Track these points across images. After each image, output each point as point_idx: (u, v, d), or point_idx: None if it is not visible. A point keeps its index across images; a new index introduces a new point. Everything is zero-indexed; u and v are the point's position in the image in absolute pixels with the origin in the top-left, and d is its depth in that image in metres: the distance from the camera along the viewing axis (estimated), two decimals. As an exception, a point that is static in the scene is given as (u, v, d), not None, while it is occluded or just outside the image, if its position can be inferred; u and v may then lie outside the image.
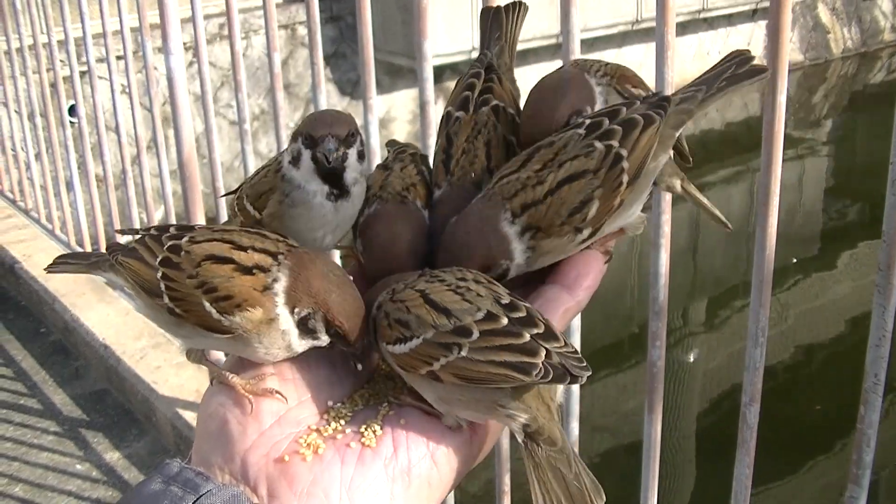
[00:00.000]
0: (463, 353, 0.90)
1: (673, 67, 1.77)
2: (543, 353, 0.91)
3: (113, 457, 3.94)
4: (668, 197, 1.85)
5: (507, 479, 2.41)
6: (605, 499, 0.94)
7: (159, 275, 0.99)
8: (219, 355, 2.34)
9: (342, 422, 0.94)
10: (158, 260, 0.99)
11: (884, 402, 1.74)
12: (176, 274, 0.97)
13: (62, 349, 4.74)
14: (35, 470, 3.87)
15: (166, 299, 0.98)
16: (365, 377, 1.02)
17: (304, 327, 0.96)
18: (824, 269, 8.63)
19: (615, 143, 1.01)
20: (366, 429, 0.92)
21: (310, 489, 0.89)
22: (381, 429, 0.92)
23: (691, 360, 7.26)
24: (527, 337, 0.91)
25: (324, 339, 0.97)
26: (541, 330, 0.92)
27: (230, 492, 0.88)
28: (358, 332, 0.97)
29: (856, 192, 10.26)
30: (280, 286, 0.96)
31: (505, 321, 0.92)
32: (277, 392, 0.95)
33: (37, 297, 4.97)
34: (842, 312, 7.70)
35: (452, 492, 2.53)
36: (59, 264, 1.16)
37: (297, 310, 0.95)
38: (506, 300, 0.94)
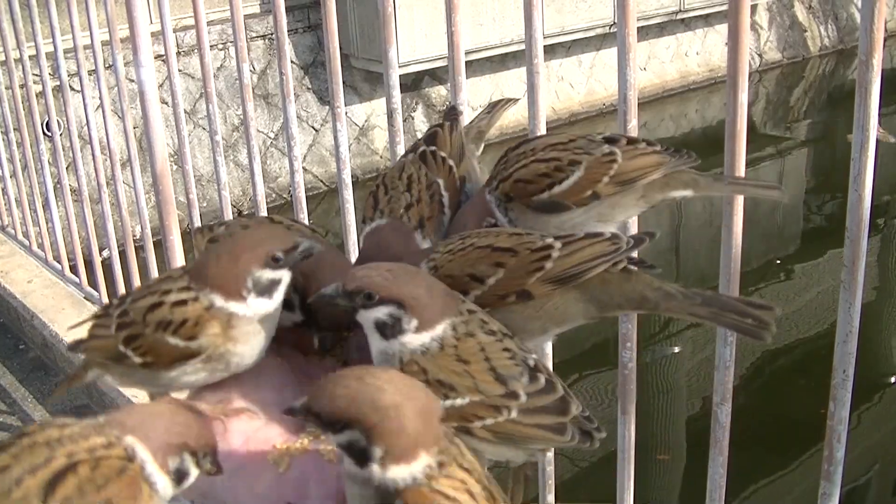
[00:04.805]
0: (513, 416, 0.92)
1: (635, 69, 1.78)
2: (572, 411, 0.94)
3: (94, 473, 3.91)
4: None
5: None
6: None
7: (120, 339, 1.03)
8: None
9: (307, 440, 0.96)
10: (114, 328, 1.04)
11: (870, 400, 1.75)
12: (133, 331, 1.02)
13: (42, 365, 4.70)
14: (15, 488, 3.84)
15: (135, 358, 1.02)
16: None
17: (262, 289, 0.99)
18: (807, 267, 8.66)
19: (556, 243, 1.05)
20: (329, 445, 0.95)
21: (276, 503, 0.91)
22: None
23: (676, 350, 7.30)
24: (560, 392, 0.93)
25: (297, 314, 1.02)
26: (562, 392, 0.94)
27: None
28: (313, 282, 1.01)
29: (836, 188, 10.31)
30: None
31: (543, 382, 0.93)
32: (247, 410, 0.97)
33: (15, 314, 4.93)
34: (827, 310, 7.73)
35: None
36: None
37: (255, 273, 0.98)
38: (531, 361, 0.96)
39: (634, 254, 1.04)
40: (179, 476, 0.85)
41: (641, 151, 1.16)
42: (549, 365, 1.96)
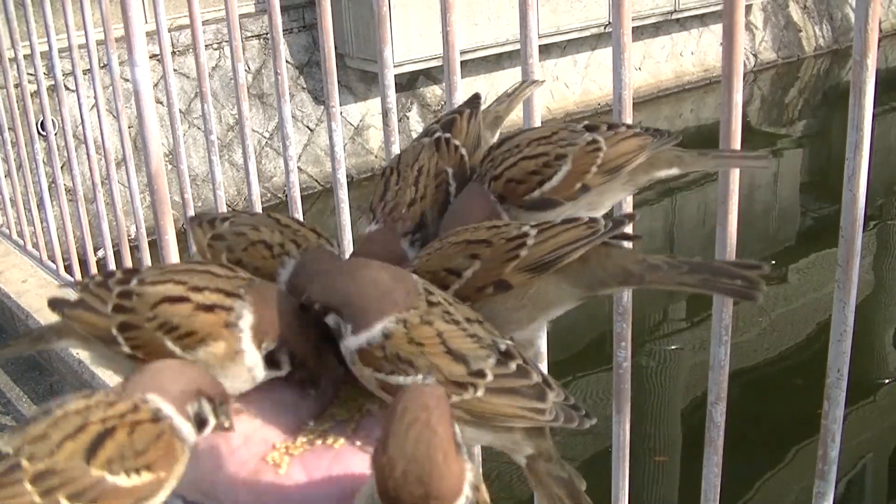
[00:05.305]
0: (479, 394, 0.91)
1: (630, 69, 1.78)
2: (550, 399, 0.92)
3: (89, 473, 3.90)
4: (629, 198, 1.85)
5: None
6: (584, 483, 0.97)
7: (115, 322, 0.97)
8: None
9: (308, 439, 0.95)
10: (111, 307, 0.98)
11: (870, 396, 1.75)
12: (132, 319, 0.96)
13: (36, 365, 4.69)
14: (10, 488, 3.83)
15: (125, 347, 0.97)
16: (330, 396, 1.02)
17: (270, 361, 0.97)
18: (801, 266, 8.68)
19: (532, 231, 1.02)
20: (333, 443, 0.93)
21: None
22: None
23: (673, 348, 7.32)
24: (535, 379, 0.92)
25: (285, 370, 0.98)
26: (537, 379, 0.93)
27: None
28: (316, 363, 0.99)
29: (831, 188, 10.33)
30: (245, 323, 0.96)
31: (513, 367, 0.92)
32: (244, 413, 0.96)
33: (10, 314, 4.92)
34: (821, 310, 7.74)
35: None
36: (6, 348, 1.15)
37: (264, 345, 0.96)
38: (502, 347, 0.94)
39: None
40: (200, 422, 0.89)
41: (623, 136, 1.16)
42: (545, 363, 1.96)
